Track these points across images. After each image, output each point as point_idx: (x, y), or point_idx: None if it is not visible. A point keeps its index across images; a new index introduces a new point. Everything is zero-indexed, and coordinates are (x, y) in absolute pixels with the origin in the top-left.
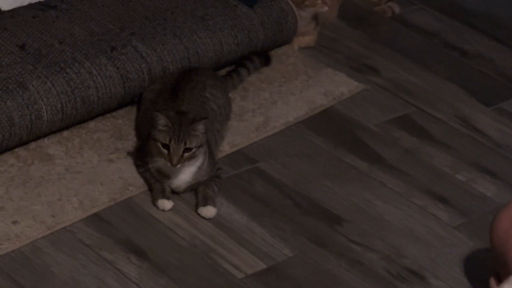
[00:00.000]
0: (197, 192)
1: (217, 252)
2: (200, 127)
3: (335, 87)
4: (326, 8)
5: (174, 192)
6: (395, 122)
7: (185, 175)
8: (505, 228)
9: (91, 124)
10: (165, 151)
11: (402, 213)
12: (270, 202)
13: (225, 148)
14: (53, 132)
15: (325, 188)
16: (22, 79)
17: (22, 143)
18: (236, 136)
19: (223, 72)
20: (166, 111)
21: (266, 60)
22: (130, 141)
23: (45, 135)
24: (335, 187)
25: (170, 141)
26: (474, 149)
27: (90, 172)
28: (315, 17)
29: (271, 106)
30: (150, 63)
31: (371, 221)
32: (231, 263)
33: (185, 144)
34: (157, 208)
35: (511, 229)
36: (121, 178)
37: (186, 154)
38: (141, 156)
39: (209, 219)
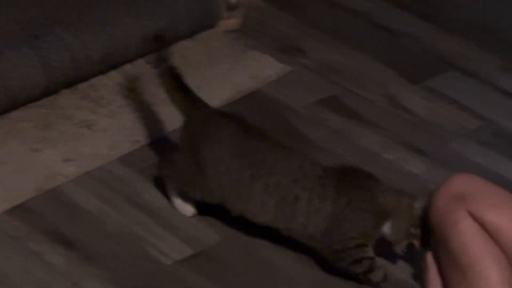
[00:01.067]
0: None
1: (146, 240)
2: None
3: (261, 69)
4: (235, 0)
5: None
6: (323, 103)
7: None
8: (444, 204)
9: (14, 114)
10: None
11: None
12: None
13: (152, 134)
14: None
15: None
16: None
17: None
18: (160, 121)
19: None
20: None
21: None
22: (56, 130)
23: None
24: None
25: None
26: (402, 128)
27: (15, 162)
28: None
29: (196, 91)
30: (74, 51)
31: None
32: (160, 250)
33: None
34: None
35: (450, 205)
36: (47, 167)
37: None
38: None
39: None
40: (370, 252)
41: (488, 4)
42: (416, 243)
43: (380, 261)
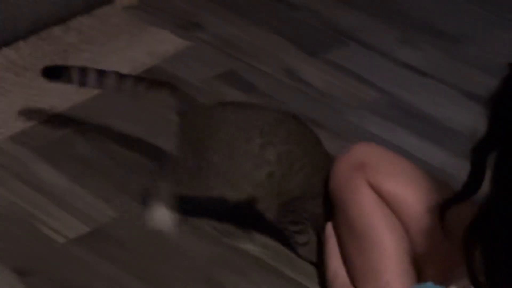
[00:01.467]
0: None
1: (37, 218)
2: None
3: (159, 45)
4: None
5: None
6: (221, 78)
7: None
8: (343, 172)
9: None
10: None
11: None
12: (93, 164)
13: (45, 112)
14: None
15: (149, 147)
16: None
17: None
18: (56, 99)
19: None
20: None
21: None
22: None
23: None
24: (164, 146)
25: None
26: (299, 101)
27: None
28: None
29: (92, 67)
30: None
31: None
32: (52, 228)
33: None
34: None
35: (349, 173)
36: None
37: None
38: None
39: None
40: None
41: None
42: None
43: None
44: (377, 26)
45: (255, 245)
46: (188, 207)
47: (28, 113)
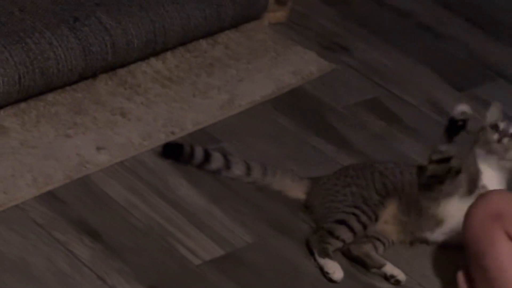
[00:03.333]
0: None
1: (174, 236)
2: None
3: (304, 65)
4: None
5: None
6: (364, 105)
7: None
8: (480, 221)
9: (50, 96)
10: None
11: None
12: (231, 185)
13: (188, 126)
14: (10, 103)
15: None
16: None
17: None
18: (200, 114)
19: None
20: None
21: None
22: (89, 116)
23: (1, 107)
24: (300, 171)
25: None
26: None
27: (46, 147)
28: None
29: (237, 84)
30: (114, 36)
31: None
32: (188, 248)
33: None
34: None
35: (486, 223)
36: (78, 155)
37: None
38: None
39: (166, 201)
40: None
41: None
42: None
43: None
44: None
45: (389, 284)
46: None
47: (170, 125)
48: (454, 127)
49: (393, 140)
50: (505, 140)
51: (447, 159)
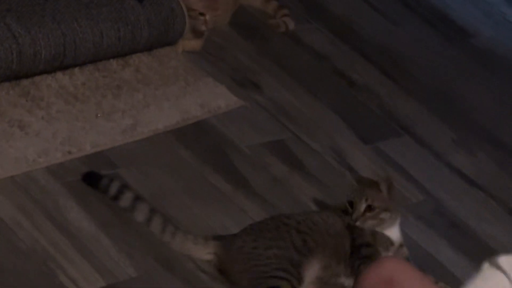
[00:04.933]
0: None
1: (56, 261)
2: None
3: (213, 99)
4: (204, 28)
5: None
6: (269, 146)
7: None
8: (371, 285)
9: None
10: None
11: None
12: (123, 213)
13: (86, 147)
14: None
15: (183, 206)
16: None
17: None
18: (101, 136)
19: None
20: None
21: None
22: None
23: None
24: (194, 207)
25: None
26: (344, 187)
27: None
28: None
29: (142, 109)
30: (22, 44)
31: None
32: (69, 276)
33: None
34: None
35: (376, 286)
36: None
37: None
38: None
39: (54, 224)
40: None
41: (452, 72)
42: None
43: None
44: (435, 123)
45: None
46: None
47: (68, 144)
48: None
49: (293, 186)
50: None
51: None
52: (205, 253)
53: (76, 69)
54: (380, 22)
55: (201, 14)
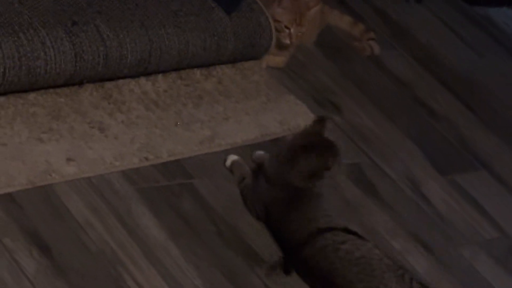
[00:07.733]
0: None
1: (124, 265)
2: None
3: (292, 117)
4: (287, 42)
5: None
6: (344, 169)
7: None
8: None
9: (31, 96)
10: None
11: None
12: (193, 224)
13: (163, 155)
14: None
15: (253, 222)
16: None
17: None
18: (178, 145)
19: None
20: None
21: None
22: (67, 124)
23: None
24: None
25: None
26: (416, 217)
27: (16, 147)
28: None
29: (222, 122)
30: (109, 47)
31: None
32: (136, 281)
33: None
34: None
35: None
36: (46, 161)
37: None
38: None
39: (125, 227)
40: None
41: None
42: None
43: None
44: None
45: None
46: None
47: (145, 150)
48: None
49: (365, 212)
50: None
51: None
52: None
53: (159, 76)
54: (465, 52)
55: (287, 27)
